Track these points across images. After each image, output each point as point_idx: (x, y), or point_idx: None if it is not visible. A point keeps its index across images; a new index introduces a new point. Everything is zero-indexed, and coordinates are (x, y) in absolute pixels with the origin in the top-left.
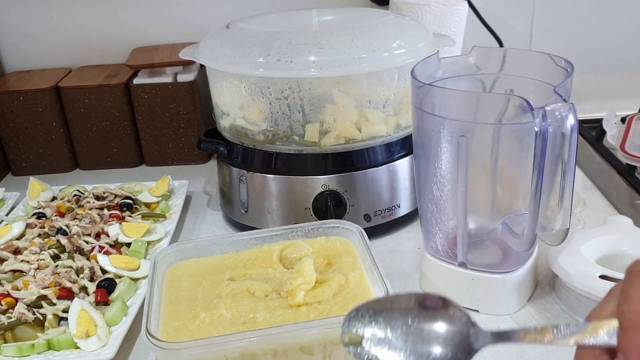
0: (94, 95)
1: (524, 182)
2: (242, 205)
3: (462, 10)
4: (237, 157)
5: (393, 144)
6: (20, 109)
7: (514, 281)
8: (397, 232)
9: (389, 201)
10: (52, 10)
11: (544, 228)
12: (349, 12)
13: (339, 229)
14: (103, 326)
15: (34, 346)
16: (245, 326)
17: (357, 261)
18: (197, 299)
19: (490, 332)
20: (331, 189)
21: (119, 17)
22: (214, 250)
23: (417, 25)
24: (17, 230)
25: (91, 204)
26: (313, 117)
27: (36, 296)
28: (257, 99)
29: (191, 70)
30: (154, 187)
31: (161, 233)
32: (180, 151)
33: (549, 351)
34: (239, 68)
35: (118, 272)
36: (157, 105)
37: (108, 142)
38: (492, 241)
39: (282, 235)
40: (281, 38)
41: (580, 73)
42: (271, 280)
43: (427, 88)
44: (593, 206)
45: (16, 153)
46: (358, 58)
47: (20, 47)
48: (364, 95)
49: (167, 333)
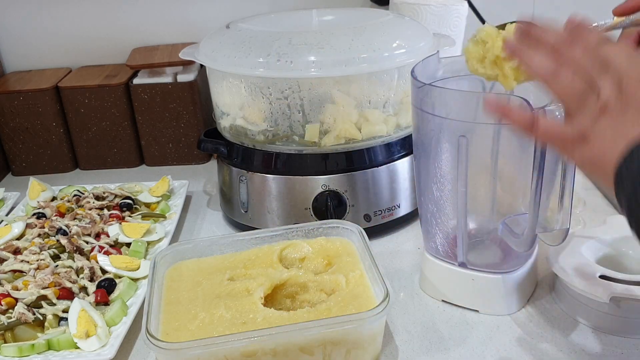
0: (94, 95)
1: (524, 182)
2: (242, 205)
3: (462, 10)
4: (237, 157)
5: (393, 144)
6: (20, 109)
7: (514, 281)
8: (397, 232)
9: (389, 201)
10: (52, 10)
11: (544, 228)
12: (349, 12)
13: (339, 229)
14: (103, 326)
15: (34, 346)
16: (245, 326)
17: (357, 261)
18: (197, 299)
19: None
20: (331, 189)
21: (119, 17)
22: (214, 250)
23: (417, 25)
24: (17, 230)
25: (91, 204)
26: (313, 117)
27: (36, 296)
28: (257, 99)
29: (191, 70)
30: (154, 187)
31: (161, 233)
32: (180, 151)
33: (549, 350)
34: (239, 68)
35: (118, 272)
36: (157, 105)
37: (108, 142)
38: (492, 241)
39: (282, 235)
40: (281, 38)
41: None
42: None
43: (427, 88)
44: (593, 206)
45: (16, 153)
46: (358, 58)
47: (20, 47)
48: (364, 95)
49: (167, 333)
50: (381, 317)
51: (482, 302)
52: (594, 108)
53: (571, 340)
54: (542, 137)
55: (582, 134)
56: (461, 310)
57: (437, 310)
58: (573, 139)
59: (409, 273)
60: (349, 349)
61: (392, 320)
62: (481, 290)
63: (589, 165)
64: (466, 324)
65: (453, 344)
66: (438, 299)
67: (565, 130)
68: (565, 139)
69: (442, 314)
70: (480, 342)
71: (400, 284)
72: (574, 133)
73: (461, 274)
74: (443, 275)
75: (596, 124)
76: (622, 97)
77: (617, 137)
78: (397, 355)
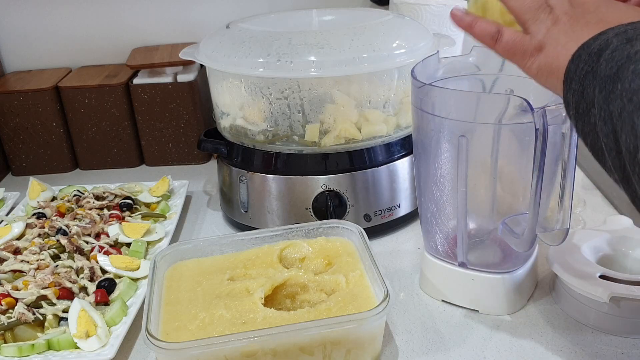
0: (94, 95)
1: (524, 182)
2: (242, 205)
3: None
4: (237, 157)
5: (393, 144)
6: (20, 109)
7: (514, 281)
8: (397, 232)
9: (389, 201)
10: (52, 10)
11: (544, 228)
12: (349, 12)
13: (339, 229)
14: (103, 326)
15: (34, 346)
16: (245, 326)
17: (357, 261)
18: (197, 299)
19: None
20: (331, 189)
21: (119, 17)
22: (214, 250)
23: (417, 25)
24: (17, 230)
25: (91, 204)
26: (313, 117)
27: (36, 296)
28: (257, 99)
29: (191, 70)
30: (154, 187)
31: (161, 233)
32: (180, 151)
33: (549, 351)
34: (239, 68)
35: (118, 272)
36: (157, 105)
37: (108, 142)
38: (492, 241)
39: (282, 235)
40: (281, 38)
41: None
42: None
43: (427, 88)
44: (593, 206)
45: (16, 153)
46: (358, 58)
47: (20, 47)
48: (364, 95)
49: (167, 333)
50: (381, 317)
51: (482, 302)
52: (549, 20)
53: (571, 340)
54: (504, 49)
55: (538, 44)
56: (461, 310)
57: (437, 310)
58: (531, 49)
59: (409, 273)
60: (349, 349)
61: (392, 320)
62: (481, 290)
63: (546, 73)
64: (466, 324)
65: (453, 344)
66: (438, 299)
67: (524, 41)
68: (525, 50)
69: (442, 314)
70: (480, 342)
71: (400, 284)
72: (532, 43)
73: (461, 274)
74: (443, 275)
75: (550, 32)
76: (573, 10)
77: (569, 41)
78: (397, 355)
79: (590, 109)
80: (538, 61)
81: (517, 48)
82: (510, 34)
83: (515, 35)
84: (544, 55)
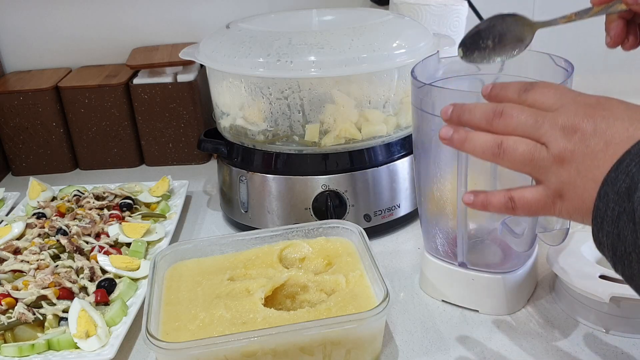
0: (94, 95)
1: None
2: (242, 205)
3: (462, 10)
4: (237, 157)
5: (393, 144)
6: (20, 109)
7: (514, 281)
8: (397, 232)
9: (389, 201)
10: (52, 10)
11: (544, 228)
12: (349, 12)
13: (339, 229)
14: (103, 326)
15: (34, 346)
16: (245, 326)
17: (357, 261)
18: (197, 299)
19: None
20: (331, 189)
21: (119, 17)
22: (214, 250)
23: (417, 25)
24: (17, 230)
25: (91, 204)
26: (313, 117)
27: (36, 296)
28: (257, 99)
29: (191, 70)
30: (154, 187)
31: (161, 233)
32: (180, 151)
33: (549, 350)
34: (239, 68)
35: (118, 272)
36: (157, 105)
37: (108, 142)
38: (492, 241)
39: (282, 235)
40: (281, 38)
41: (580, 73)
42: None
43: (427, 88)
44: None
45: (16, 153)
46: (358, 58)
47: (20, 47)
48: (364, 95)
49: (167, 333)
50: (381, 317)
51: (482, 302)
52: (551, 163)
53: (571, 340)
54: (524, 213)
55: (556, 192)
56: (461, 310)
57: (437, 310)
58: (551, 201)
59: (409, 273)
60: (349, 349)
61: (392, 320)
62: (481, 290)
63: (578, 217)
64: (466, 324)
65: (453, 344)
66: (438, 299)
67: (540, 197)
68: (546, 204)
69: (442, 314)
70: (480, 342)
71: (400, 284)
72: (549, 195)
73: (461, 274)
74: (443, 275)
75: (561, 178)
76: (569, 140)
77: (586, 182)
78: (397, 355)
79: (630, 253)
80: (565, 208)
81: (537, 207)
82: (521, 201)
83: (527, 199)
84: (569, 202)
